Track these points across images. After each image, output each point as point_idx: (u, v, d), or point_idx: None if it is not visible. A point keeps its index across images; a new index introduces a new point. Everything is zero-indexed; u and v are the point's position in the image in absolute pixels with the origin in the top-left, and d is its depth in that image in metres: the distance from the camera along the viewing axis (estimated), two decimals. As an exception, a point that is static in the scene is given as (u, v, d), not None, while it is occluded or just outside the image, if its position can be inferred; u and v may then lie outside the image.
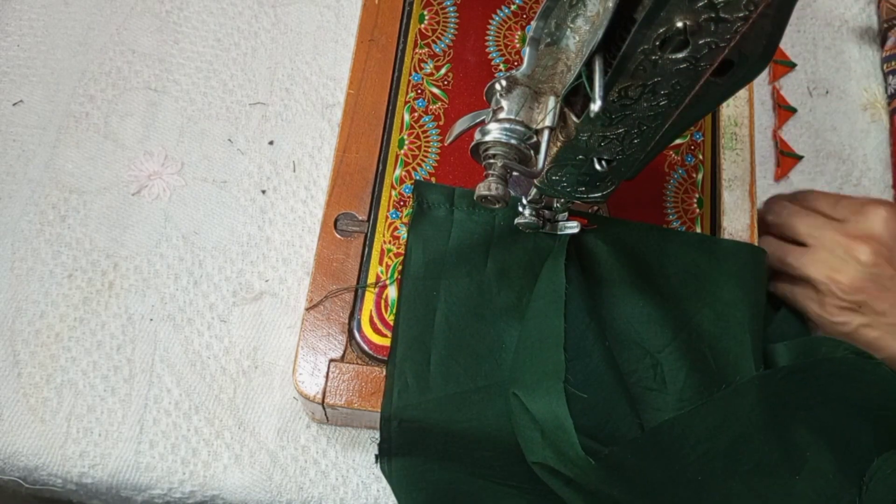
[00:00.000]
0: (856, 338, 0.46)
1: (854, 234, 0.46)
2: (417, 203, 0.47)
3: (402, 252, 0.47)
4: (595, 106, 0.31)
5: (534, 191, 0.43)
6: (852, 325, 0.46)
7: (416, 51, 0.53)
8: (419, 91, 0.52)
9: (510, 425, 0.42)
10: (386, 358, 0.44)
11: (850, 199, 0.50)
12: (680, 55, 0.30)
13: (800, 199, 0.53)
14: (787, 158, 0.59)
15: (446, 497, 0.44)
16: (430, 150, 0.50)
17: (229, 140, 0.56)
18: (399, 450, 0.44)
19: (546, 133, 0.35)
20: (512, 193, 0.45)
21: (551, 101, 0.35)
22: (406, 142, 0.50)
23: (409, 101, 0.51)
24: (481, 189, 0.35)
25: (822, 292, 0.47)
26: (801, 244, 0.50)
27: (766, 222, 0.53)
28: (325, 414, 0.45)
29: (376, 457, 0.44)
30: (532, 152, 0.35)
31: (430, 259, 0.46)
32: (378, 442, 0.43)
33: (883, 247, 0.45)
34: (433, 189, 0.48)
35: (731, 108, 0.54)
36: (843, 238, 0.47)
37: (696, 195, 0.51)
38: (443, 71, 0.53)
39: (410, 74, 0.52)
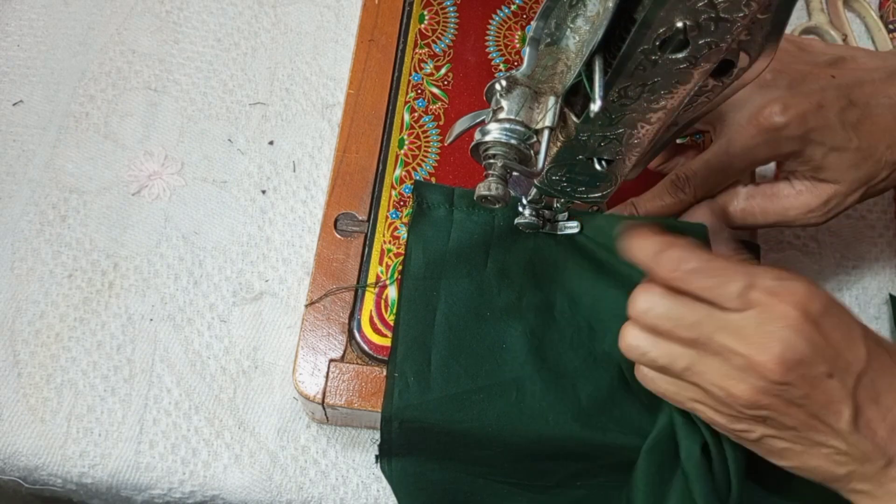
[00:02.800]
0: (761, 446, 0.37)
1: (784, 292, 0.34)
2: (417, 203, 0.47)
3: (402, 252, 0.47)
4: (595, 106, 0.31)
5: (534, 191, 0.43)
6: (756, 433, 0.36)
7: (416, 51, 0.53)
8: (419, 91, 0.52)
9: (511, 425, 0.42)
10: (386, 358, 0.44)
11: (758, 274, 0.35)
12: (680, 55, 0.30)
13: (681, 261, 0.36)
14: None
15: (446, 496, 0.44)
16: (430, 150, 0.50)
17: (229, 140, 0.56)
18: (399, 450, 0.44)
19: (546, 133, 0.35)
20: (512, 193, 0.45)
21: (551, 101, 0.35)
22: (406, 142, 0.50)
23: (409, 101, 0.51)
24: (481, 189, 0.35)
25: (715, 399, 0.36)
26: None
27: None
28: (325, 414, 0.45)
29: (376, 457, 0.44)
30: (532, 152, 0.35)
31: (431, 259, 0.46)
32: (378, 443, 0.43)
33: (793, 358, 0.33)
34: (433, 189, 0.48)
35: (732, 108, 0.54)
36: (741, 347, 0.34)
37: (696, 195, 0.51)
38: (443, 71, 0.53)
39: (410, 74, 0.52)
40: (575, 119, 0.35)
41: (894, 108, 0.44)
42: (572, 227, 0.46)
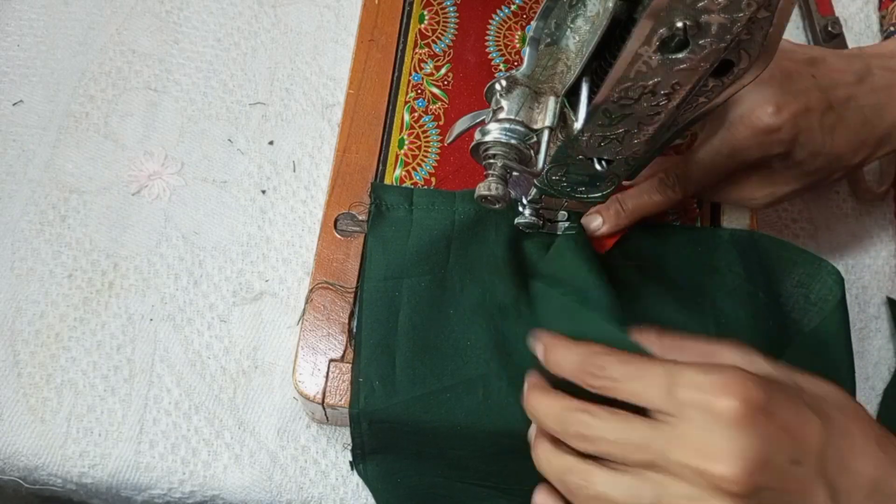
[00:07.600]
0: None
1: (716, 386, 0.30)
2: (375, 206, 0.47)
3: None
4: (577, 125, 0.32)
5: (534, 191, 0.43)
6: None
7: (416, 51, 0.53)
8: (419, 91, 0.52)
9: (479, 421, 0.42)
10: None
11: (679, 370, 0.31)
12: (680, 55, 0.30)
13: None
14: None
15: (426, 501, 0.44)
16: (430, 150, 0.50)
17: (229, 140, 0.56)
18: (372, 452, 0.43)
19: (546, 133, 0.35)
20: (512, 193, 0.46)
21: (551, 101, 0.35)
22: (406, 142, 0.50)
23: (409, 101, 0.51)
24: (481, 189, 0.35)
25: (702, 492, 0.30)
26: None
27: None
28: (325, 414, 0.45)
29: (351, 463, 0.44)
30: (532, 152, 0.35)
31: (391, 260, 0.46)
32: (350, 448, 0.43)
33: (754, 460, 0.29)
34: (391, 191, 0.48)
35: (731, 108, 0.54)
36: (698, 461, 0.30)
37: (696, 195, 0.51)
38: (443, 71, 0.53)
39: (410, 74, 0.52)
40: (575, 119, 0.35)
41: (861, 113, 0.44)
42: (572, 228, 0.46)
